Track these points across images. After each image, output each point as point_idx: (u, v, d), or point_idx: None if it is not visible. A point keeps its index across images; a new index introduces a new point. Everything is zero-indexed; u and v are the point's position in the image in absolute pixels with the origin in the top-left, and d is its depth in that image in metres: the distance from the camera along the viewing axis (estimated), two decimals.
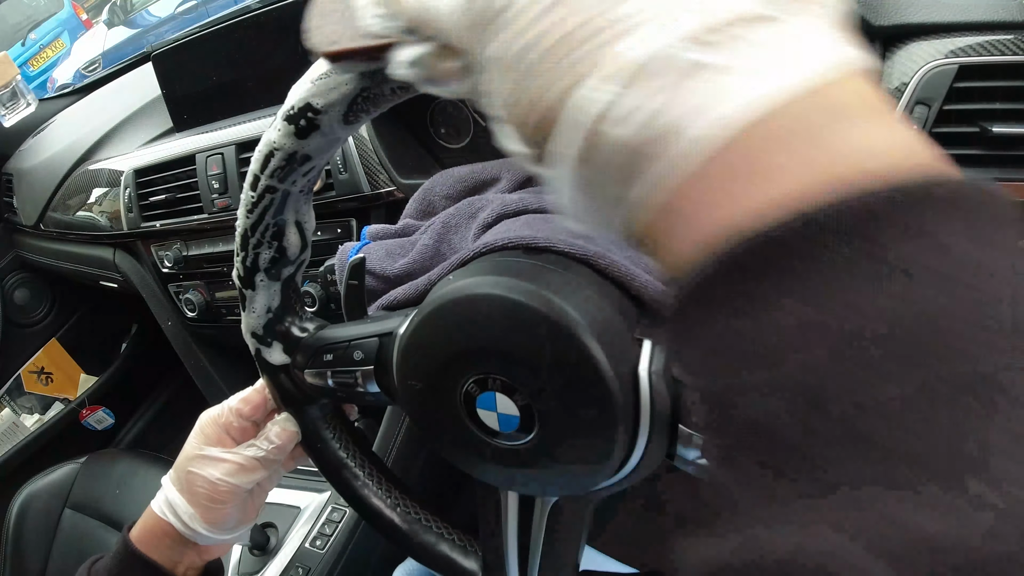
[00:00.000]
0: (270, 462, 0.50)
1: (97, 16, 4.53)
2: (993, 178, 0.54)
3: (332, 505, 0.92)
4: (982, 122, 0.53)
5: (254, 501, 0.55)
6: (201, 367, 1.30)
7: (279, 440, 0.50)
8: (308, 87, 0.35)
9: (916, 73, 0.55)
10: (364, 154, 0.82)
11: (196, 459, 0.50)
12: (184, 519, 0.50)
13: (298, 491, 0.96)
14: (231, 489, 0.49)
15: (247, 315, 0.48)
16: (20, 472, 1.49)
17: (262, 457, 0.50)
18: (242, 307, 0.48)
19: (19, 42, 4.27)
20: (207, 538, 0.51)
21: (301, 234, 0.45)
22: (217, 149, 0.97)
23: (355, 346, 0.46)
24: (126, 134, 1.26)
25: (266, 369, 0.51)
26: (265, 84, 1.06)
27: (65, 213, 1.28)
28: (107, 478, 1.09)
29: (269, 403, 0.54)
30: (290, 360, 0.50)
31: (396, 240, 0.65)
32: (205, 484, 0.49)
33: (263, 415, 0.54)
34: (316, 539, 0.88)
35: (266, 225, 0.43)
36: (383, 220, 0.86)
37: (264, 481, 0.55)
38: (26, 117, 1.48)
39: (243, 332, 0.49)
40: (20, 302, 1.59)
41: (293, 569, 0.85)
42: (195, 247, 1.08)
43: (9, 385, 1.60)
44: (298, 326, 0.50)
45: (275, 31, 1.01)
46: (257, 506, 0.55)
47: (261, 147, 0.38)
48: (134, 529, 0.53)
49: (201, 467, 0.49)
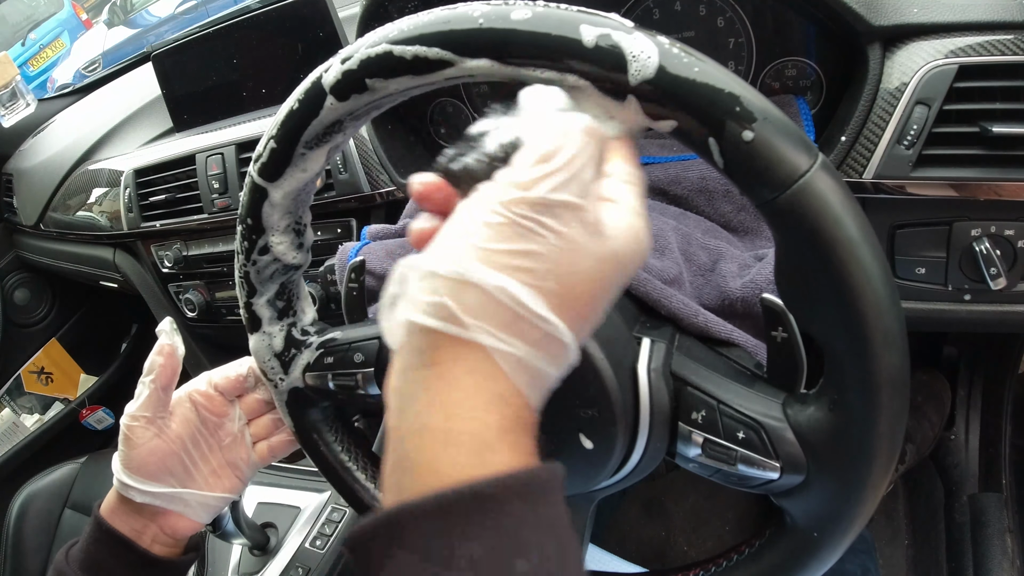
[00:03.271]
0: (158, 395, 0.51)
1: (97, 16, 4.53)
2: (993, 178, 0.54)
3: (332, 505, 0.92)
4: (982, 122, 0.53)
5: (188, 456, 0.53)
6: (201, 367, 1.29)
7: (155, 369, 0.51)
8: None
9: (916, 73, 0.55)
10: (364, 154, 0.82)
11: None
12: (115, 471, 0.51)
13: (298, 491, 0.96)
14: (129, 419, 0.50)
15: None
16: (20, 472, 1.49)
17: (148, 383, 0.51)
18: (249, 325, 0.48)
19: (19, 42, 4.27)
20: (135, 490, 0.50)
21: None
22: (217, 149, 0.97)
23: (356, 348, 0.46)
24: (126, 134, 1.26)
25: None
26: (265, 84, 1.06)
27: (65, 213, 1.28)
28: (107, 478, 1.07)
29: (246, 382, 0.56)
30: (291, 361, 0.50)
31: (396, 240, 0.65)
32: (123, 425, 0.50)
33: (236, 392, 0.56)
34: (316, 539, 0.88)
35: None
36: (383, 220, 0.86)
37: (207, 439, 0.54)
38: (26, 117, 1.48)
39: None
40: (20, 302, 1.59)
41: (293, 569, 0.85)
42: (195, 247, 1.08)
43: (9, 385, 1.60)
44: (299, 328, 0.49)
45: (275, 31, 1.01)
46: (190, 462, 0.53)
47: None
48: (103, 504, 0.53)
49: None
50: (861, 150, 0.58)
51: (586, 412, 0.36)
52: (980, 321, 0.60)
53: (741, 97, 0.28)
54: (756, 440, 0.35)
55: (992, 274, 0.56)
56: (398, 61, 0.32)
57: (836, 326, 0.30)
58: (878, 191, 0.58)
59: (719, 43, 0.70)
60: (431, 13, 0.32)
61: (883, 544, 1.16)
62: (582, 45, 0.29)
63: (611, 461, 0.38)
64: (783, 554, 0.38)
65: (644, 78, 0.28)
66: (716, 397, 0.36)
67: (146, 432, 0.50)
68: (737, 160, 0.28)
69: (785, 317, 0.34)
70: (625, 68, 0.28)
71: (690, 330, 0.44)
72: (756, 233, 0.59)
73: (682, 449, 0.38)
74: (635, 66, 0.28)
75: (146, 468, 0.50)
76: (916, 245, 0.60)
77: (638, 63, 0.28)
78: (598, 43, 0.28)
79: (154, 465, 0.51)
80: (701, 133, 0.29)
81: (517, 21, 0.30)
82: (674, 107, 0.29)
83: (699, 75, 0.28)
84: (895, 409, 0.31)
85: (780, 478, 0.35)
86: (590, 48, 0.29)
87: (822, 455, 0.33)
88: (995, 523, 1.04)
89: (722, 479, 0.37)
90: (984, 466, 1.12)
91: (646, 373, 0.37)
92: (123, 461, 0.50)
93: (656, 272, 0.47)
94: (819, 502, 0.35)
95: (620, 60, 0.28)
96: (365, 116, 0.37)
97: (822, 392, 0.33)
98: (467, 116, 0.84)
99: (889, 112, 0.56)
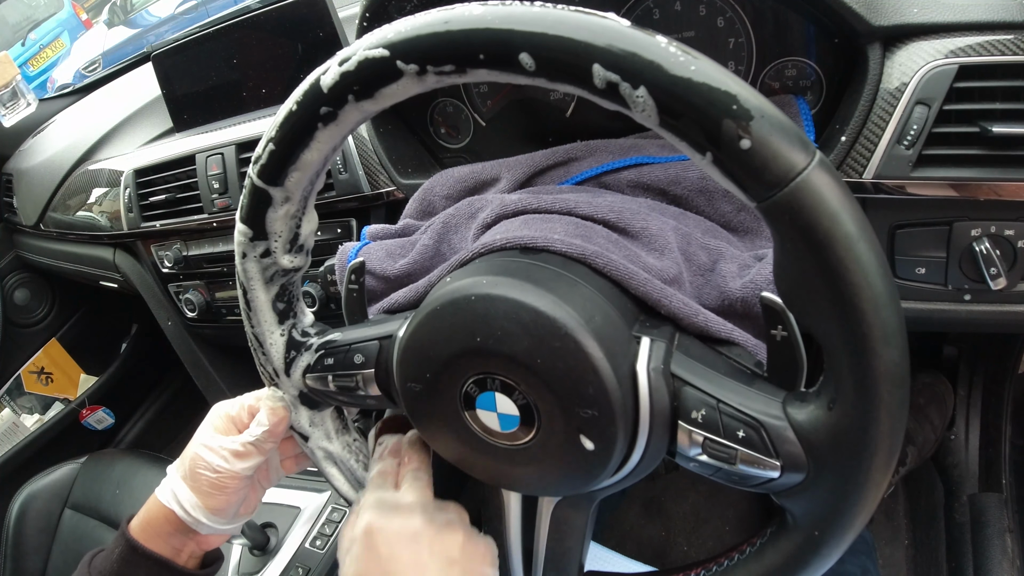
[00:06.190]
0: (263, 446, 0.51)
1: (97, 16, 4.53)
2: (993, 178, 0.54)
3: (332, 505, 0.92)
4: (982, 122, 0.53)
5: (254, 493, 0.56)
6: (201, 367, 1.30)
7: (268, 422, 0.50)
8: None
9: (916, 73, 0.55)
10: (364, 154, 0.82)
11: (200, 447, 0.51)
12: (187, 507, 0.51)
13: (298, 491, 0.96)
14: (230, 475, 0.50)
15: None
16: (20, 472, 1.49)
17: (255, 440, 0.50)
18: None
19: (19, 42, 4.27)
20: (208, 527, 0.51)
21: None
22: (217, 149, 0.97)
23: (356, 350, 0.46)
24: (126, 134, 1.26)
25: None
26: (265, 84, 1.06)
27: (65, 213, 1.28)
28: (107, 478, 1.08)
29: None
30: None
31: (396, 240, 0.65)
32: (207, 471, 0.50)
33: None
34: (316, 539, 0.88)
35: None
36: (383, 220, 0.86)
37: (263, 475, 0.56)
38: (26, 117, 1.48)
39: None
40: (20, 302, 1.59)
41: (293, 569, 0.85)
42: (195, 247, 1.08)
43: (9, 385, 1.60)
44: (299, 330, 0.49)
45: (275, 31, 1.01)
46: (257, 499, 0.56)
47: None
48: (134, 521, 0.53)
49: (204, 455, 0.50)
50: (861, 150, 0.58)
51: (586, 412, 0.36)
52: (980, 321, 0.60)
53: (738, 95, 0.28)
54: (756, 439, 0.35)
55: (992, 274, 0.56)
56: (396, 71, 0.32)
57: (835, 323, 0.30)
58: (878, 191, 0.58)
59: (719, 43, 0.70)
60: (429, 14, 0.32)
61: (883, 544, 1.16)
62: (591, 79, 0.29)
63: (611, 461, 0.38)
64: (784, 553, 0.38)
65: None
66: (716, 396, 0.36)
67: (241, 484, 0.51)
68: (734, 158, 0.28)
69: (785, 315, 0.34)
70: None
71: (690, 329, 0.44)
72: (756, 233, 0.59)
73: (682, 448, 0.38)
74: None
75: (227, 511, 0.52)
76: (916, 245, 0.60)
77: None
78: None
79: (233, 507, 0.52)
80: (699, 132, 0.29)
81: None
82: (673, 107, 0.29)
83: (696, 74, 0.28)
84: (895, 406, 0.31)
85: (780, 477, 0.35)
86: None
87: (822, 453, 0.33)
88: (995, 523, 1.04)
89: (722, 478, 0.37)
90: (984, 466, 1.12)
91: (646, 372, 0.37)
92: (206, 505, 0.51)
93: (656, 272, 0.47)
94: (820, 500, 0.35)
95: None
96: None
97: (822, 390, 0.33)
98: (467, 116, 0.84)
99: (889, 112, 0.56)
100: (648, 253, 0.50)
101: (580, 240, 0.45)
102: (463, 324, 0.38)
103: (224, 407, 0.53)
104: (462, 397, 0.40)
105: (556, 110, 0.78)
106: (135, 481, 1.06)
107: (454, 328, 0.39)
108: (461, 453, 0.43)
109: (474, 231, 0.57)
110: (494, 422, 0.40)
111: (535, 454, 0.39)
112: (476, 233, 0.56)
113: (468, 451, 0.42)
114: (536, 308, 0.36)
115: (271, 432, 0.50)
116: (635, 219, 0.51)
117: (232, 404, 0.53)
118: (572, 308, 0.37)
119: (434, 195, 0.70)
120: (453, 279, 0.41)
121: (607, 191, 0.63)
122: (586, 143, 0.67)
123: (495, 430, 0.40)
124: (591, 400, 0.36)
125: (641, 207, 0.55)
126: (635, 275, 0.44)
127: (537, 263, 0.42)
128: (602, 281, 0.43)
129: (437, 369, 0.40)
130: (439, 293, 0.40)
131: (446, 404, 0.41)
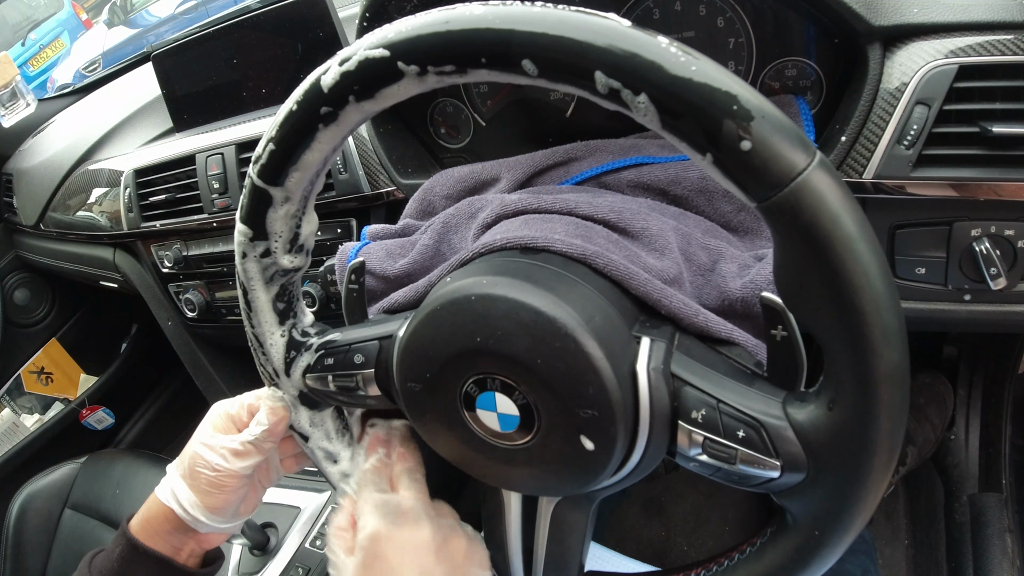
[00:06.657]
0: (263, 445, 0.51)
1: (97, 16, 4.53)
2: (993, 178, 0.54)
3: (332, 505, 0.92)
4: (982, 122, 0.53)
5: (254, 492, 0.55)
6: (201, 367, 1.30)
7: (267, 421, 0.50)
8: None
9: (916, 73, 0.55)
10: (364, 154, 0.82)
11: (200, 446, 0.51)
12: (186, 506, 0.51)
13: (298, 491, 0.96)
14: (229, 474, 0.50)
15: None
16: (20, 472, 1.49)
17: (254, 440, 0.50)
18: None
19: (19, 42, 4.27)
20: (207, 526, 0.51)
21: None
22: (217, 149, 0.97)
23: (355, 350, 0.46)
24: (126, 134, 1.26)
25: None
26: (265, 84, 1.06)
27: (65, 213, 1.28)
28: (107, 478, 1.09)
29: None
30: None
31: (396, 240, 0.65)
32: (206, 469, 0.50)
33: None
34: (316, 539, 0.88)
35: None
36: (383, 220, 0.86)
37: (263, 474, 0.56)
38: (26, 117, 1.48)
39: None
40: (20, 302, 1.59)
41: (293, 569, 0.85)
42: (195, 247, 1.08)
43: (9, 385, 1.60)
44: (299, 330, 0.49)
45: (275, 31, 1.01)
46: (256, 498, 0.56)
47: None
48: (134, 520, 0.53)
49: (203, 453, 0.50)
50: (861, 150, 0.58)
51: (586, 412, 0.36)
52: (980, 321, 0.60)
53: (739, 96, 0.28)
54: (756, 439, 0.35)
55: (992, 274, 0.56)
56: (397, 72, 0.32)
57: (835, 323, 0.30)
58: (878, 191, 0.58)
59: (719, 43, 0.70)
60: (430, 14, 0.32)
61: (883, 544, 1.16)
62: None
63: (612, 461, 0.38)
64: (784, 553, 0.38)
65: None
66: (716, 396, 0.36)
67: (240, 483, 0.51)
68: (735, 159, 0.28)
69: (785, 315, 0.34)
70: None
71: (690, 330, 0.44)
72: (756, 233, 0.59)
73: (682, 448, 0.38)
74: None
75: (226, 510, 0.52)
76: (916, 245, 0.60)
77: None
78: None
79: (232, 506, 0.52)
80: (699, 133, 0.29)
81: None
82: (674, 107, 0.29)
83: (696, 74, 0.28)
84: (895, 406, 0.31)
85: (780, 477, 0.35)
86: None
87: (822, 453, 0.33)
88: (995, 523, 1.04)
89: (722, 478, 0.37)
90: (984, 466, 1.12)
91: (646, 373, 0.37)
92: (205, 504, 0.51)
93: (656, 272, 0.47)
94: (820, 500, 0.35)
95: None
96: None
97: (822, 390, 0.33)
98: (467, 116, 0.84)
99: (889, 112, 0.56)
100: (648, 253, 0.50)
101: (580, 240, 0.45)
102: (463, 324, 0.38)
103: (224, 406, 0.53)
104: (462, 397, 0.40)
105: (556, 110, 0.78)
106: (135, 481, 1.06)
107: (454, 328, 0.39)
108: (461, 453, 0.43)
109: (474, 231, 0.57)
110: (494, 422, 0.40)
111: (535, 454, 0.39)
112: (476, 233, 0.56)
113: (468, 451, 0.42)
114: (536, 308, 0.36)
115: (270, 431, 0.50)
116: (635, 219, 0.51)
117: (232, 403, 0.53)
118: (572, 308, 0.37)
119: (434, 195, 0.70)
120: (453, 279, 0.41)
121: (607, 191, 0.63)
122: (586, 143, 0.67)
123: (495, 430, 0.40)
124: (591, 400, 0.36)
125: (641, 207, 0.55)
126: (635, 275, 0.44)
127: (537, 263, 0.42)
128: (602, 281, 0.43)
129: (437, 369, 0.40)
130: (439, 293, 0.40)
131: (446, 404, 0.41)
